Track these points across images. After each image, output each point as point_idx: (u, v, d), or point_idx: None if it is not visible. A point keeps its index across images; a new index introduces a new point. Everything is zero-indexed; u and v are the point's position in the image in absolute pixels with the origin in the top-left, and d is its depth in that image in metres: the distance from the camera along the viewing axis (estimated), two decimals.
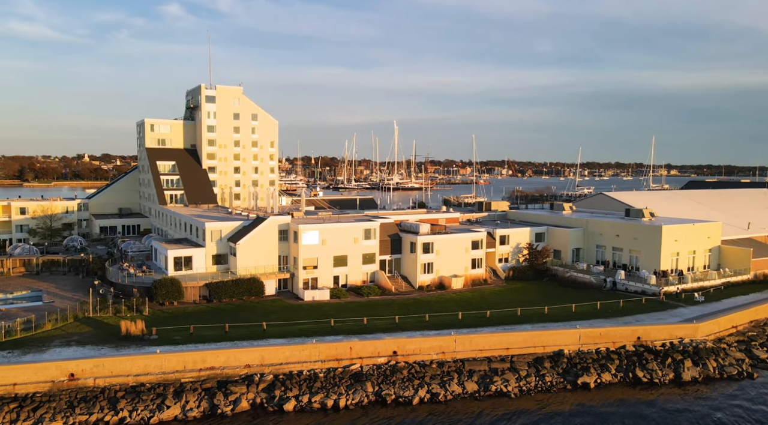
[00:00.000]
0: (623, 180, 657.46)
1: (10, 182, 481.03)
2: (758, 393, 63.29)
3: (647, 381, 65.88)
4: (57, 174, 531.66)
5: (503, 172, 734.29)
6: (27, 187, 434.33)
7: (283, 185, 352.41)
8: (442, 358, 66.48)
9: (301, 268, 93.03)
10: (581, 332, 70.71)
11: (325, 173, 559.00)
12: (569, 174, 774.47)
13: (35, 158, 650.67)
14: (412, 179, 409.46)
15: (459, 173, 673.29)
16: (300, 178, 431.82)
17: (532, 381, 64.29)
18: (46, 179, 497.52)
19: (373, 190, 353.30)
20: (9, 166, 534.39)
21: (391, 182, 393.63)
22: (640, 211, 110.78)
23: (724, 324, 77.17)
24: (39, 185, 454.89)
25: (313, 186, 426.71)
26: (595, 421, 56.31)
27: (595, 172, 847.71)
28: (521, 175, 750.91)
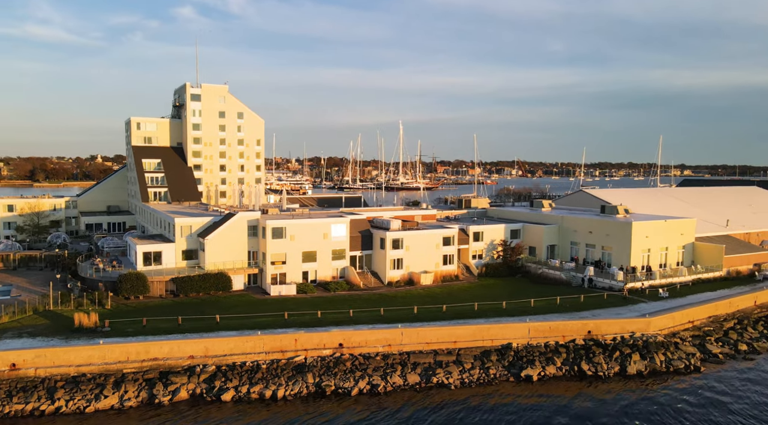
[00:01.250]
0: (634, 180, 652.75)
1: (22, 182, 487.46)
2: (699, 386, 63.32)
3: (592, 374, 66.05)
4: (68, 175, 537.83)
5: (513, 172, 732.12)
6: (37, 187, 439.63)
7: (287, 184, 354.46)
8: (389, 351, 67.01)
9: (269, 263, 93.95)
10: (530, 326, 70.96)
11: (333, 173, 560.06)
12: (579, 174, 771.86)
13: (49, 159, 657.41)
14: (418, 179, 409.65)
15: (468, 173, 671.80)
16: (306, 178, 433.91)
17: (476, 373, 64.67)
18: (56, 179, 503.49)
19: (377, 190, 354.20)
20: (22, 167, 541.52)
21: (397, 182, 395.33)
22: (615, 207, 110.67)
23: (679, 319, 77.05)
24: (49, 185, 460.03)
25: (319, 186, 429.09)
26: (528, 412, 56.56)
27: (606, 172, 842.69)
28: (531, 175, 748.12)
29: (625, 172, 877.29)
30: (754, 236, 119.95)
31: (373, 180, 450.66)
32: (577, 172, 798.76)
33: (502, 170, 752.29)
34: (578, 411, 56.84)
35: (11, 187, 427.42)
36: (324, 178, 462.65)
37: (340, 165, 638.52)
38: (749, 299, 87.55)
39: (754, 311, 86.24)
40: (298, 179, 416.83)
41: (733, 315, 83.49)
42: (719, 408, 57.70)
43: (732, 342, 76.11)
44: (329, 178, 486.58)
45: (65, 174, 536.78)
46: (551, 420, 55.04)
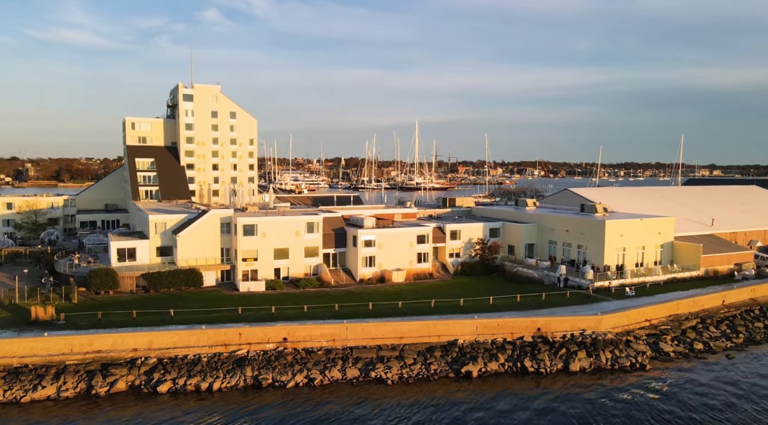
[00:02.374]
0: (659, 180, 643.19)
1: (47, 182, 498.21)
2: (636, 384, 63.08)
3: (534, 371, 66.05)
4: (93, 175, 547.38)
5: (535, 172, 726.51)
6: (61, 187, 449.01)
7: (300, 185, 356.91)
8: (333, 345, 67.77)
9: (240, 260, 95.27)
10: (478, 322, 71.14)
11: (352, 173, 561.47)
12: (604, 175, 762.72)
13: (78, 159, 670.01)
14: (433, 180, 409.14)
15: (489, 173, 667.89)
16: (323, 178, 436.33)
17: (416, 369, 65.08)
18: (81, 179, 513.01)
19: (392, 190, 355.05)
20: (48, 167, 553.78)
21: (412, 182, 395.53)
22: (593, 206, 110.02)
23: (635, 318, 76.52)
24: (73, 186, 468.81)
25: (335, 186, 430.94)
26: (453, 407, 56.86)
27: (631, 172, 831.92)
28: (553, 176, 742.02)
29: (652, 172, 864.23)
30: (741, 236, 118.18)
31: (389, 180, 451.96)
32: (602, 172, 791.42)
33: (524, 170, 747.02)
34: (501, 407, 57.01)
35: (36, 187, 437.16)
36: (341, 178, 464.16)
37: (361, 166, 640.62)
38: (717, 299, 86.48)
39: (720, 310, 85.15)
40: (314, 179, 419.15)
41: (697, 314, 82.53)
42: (642, 407, 57.30)
43: (689, 341, 75.38)
44: (347, 178, 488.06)
45: (90, 175, 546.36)
46: (470, 415, 55.21)
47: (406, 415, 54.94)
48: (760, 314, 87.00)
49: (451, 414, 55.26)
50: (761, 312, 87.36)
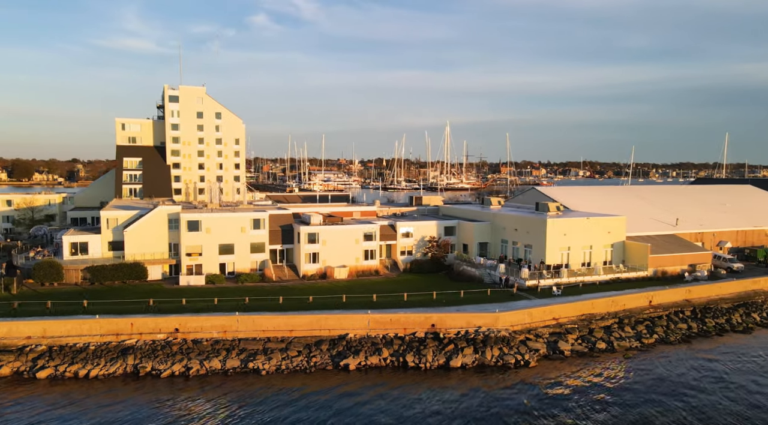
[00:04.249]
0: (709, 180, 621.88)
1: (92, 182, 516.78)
2: (509, 381, 62.95)
3: (414, 366, 66.55)
4: None
5: (580, 173, 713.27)
6: None
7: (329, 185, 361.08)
8: (223, 337, 69.85)
9: (183, 255, 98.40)
10: (371, 317, 72.04)
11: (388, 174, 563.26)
12: (654, 175, 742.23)
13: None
14: (464, 180, 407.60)
15: (532, 173, 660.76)
16: (354, 179, 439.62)
17: (297, 361, 66.50)
18: None
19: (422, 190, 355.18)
20: (97, 168, 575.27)
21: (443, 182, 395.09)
22: (546, 205, 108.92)
23: (539, 316, 75.98)
24: None
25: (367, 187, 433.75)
26: (304, 398, 57.95)
27: (686, 173, 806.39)
28: (600, 176, 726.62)
29: (708, 172, 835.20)
30: (709, 236, 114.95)
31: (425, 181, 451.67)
32: (652, 173, 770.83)
33: (568, 170, 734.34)
34: (347, 400, 57.88)
35: (82, 186, 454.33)
36: (373, 179, 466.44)
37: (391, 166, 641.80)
38: (643, 299, 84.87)
39: (645, 310, 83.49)
40: (346, 179, 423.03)
41: (616, 314, 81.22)
42: (489, 404, 57.33)
43: (593, 340, 74.45)
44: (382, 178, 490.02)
45: None
46: (308, 405, 56.31)
47: (255, 405, 56.37)
48: (691, 315, 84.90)
49: (297, 405, 56.41)
50: (693, 314, 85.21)
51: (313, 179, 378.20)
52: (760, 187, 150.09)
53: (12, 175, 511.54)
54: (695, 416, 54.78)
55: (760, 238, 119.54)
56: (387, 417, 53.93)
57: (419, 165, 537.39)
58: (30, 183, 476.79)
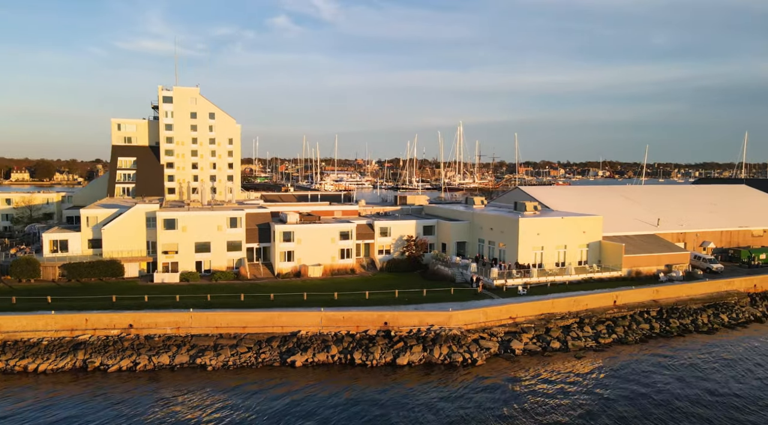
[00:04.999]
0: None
1: None
2: (450, 379, 63.16)
3: (360, 363, 67.01)
4: None
5: (599, 173, 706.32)
6: None
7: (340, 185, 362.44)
8: (176, 333, 70.94)
9: (160, 253, 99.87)
10: (323, 315, 72.63)
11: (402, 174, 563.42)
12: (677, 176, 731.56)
13: None
14: (476, 180, 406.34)
15: (550, 174, 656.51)
16: (367, 179, 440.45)
17: (245, 357, 67.33)
18: None
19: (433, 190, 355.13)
20: None
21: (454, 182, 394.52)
22: (524, 204, 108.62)
23: (494, 315, 75.93)
24: None
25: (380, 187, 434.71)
26: (242, 393, 58.72)
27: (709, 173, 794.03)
28: (619, 176, 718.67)
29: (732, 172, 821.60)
30: (692, 236, 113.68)
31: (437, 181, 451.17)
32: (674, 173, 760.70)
33: (587, 171, 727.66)
34: (277, 396, 58.47)
35: None
36: (386, 179, 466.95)
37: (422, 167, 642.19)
38: (607, 299, 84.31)
39: (608, 310, 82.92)
40: (359, 179, 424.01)
41: (578, 314, 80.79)
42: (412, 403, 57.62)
43: (548, 339, 74.27)
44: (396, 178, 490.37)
45: None
46: (247, 400, 57.06)
47: (188, 398, 57.31)
48: (657, 316, 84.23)
49: (228, 399, 57.22)
50: (659, 314, 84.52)
51: (326, 179, 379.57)
52: (757, 187, 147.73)
53: (34, 175, 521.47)
54: (627, 414, 54.40)
55: (746, 238, 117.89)
56: (307, 414, 54.41)
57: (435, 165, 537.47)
58: (51, 183, 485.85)
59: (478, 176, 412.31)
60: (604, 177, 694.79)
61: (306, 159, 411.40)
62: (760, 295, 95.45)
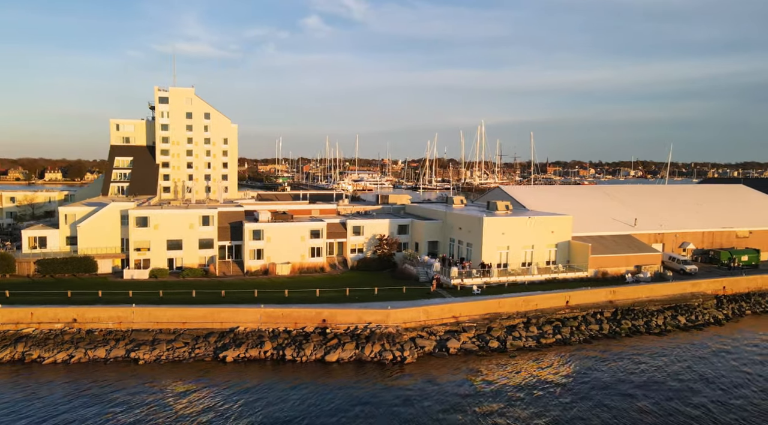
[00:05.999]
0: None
1: None
2: (375, 377, 63.57)
3: (291, 359, 67.85)
4: None
5: (631, 173, 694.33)
6: None
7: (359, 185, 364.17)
8: (118, 327, 72.74)
9: (132, 250, 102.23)
10: (262, 311, 73.67)
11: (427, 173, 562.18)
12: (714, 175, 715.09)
13: None
14: (496, 179, 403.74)
15: (579, 173, 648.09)
16: (387, 179, 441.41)
17: (179, 352, 68.75)
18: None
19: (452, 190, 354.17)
20: None
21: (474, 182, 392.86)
22: (495, 203, 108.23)
23: (435, 314, 76.00)
24: None
25: (399, 186, 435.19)
26: (159, 385, 60.04)
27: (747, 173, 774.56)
28: (652, 176, 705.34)
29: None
30: (671, 237, 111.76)
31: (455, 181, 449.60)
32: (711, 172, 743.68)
33: (618, 171, 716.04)
34: (182, 391, 59.61)
35: None
36: (408, 178, 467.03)
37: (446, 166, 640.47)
38: (560, 299, 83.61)
39: (559, 311, 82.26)
40: (378, 179, 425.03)
41: (526, 314, 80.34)
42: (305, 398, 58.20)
43: (487, 339, 74.13)
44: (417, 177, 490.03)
45: None
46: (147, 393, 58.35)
47: (100, 391, 58.87)
48: (611, 317, 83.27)
49: (139, 391, 58.59)
50: (613, 315, 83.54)
51: (345, 179, 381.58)
52: (756, 186, 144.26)
53: (66, 175, 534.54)
54: (545, 415, 54.22)
55: (730, 240, 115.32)
56: (206, 409, 55.43)
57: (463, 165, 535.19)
58: (82, 183, 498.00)
59: (499, 175, 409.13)
60: (635, 177, 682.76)
61: (332, 159, 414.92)
62: (728, 297, 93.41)
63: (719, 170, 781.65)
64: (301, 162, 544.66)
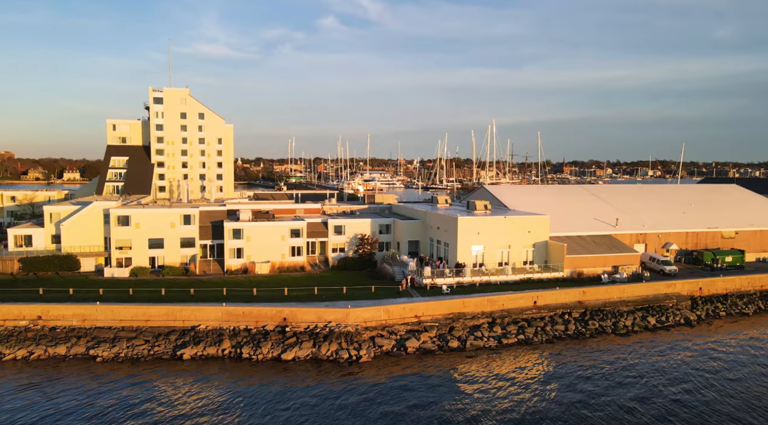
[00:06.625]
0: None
1: None
2: (325, 375, 63.96)
3: (248, 357, 68.47)
4: None
5: (649, 173, 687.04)
6: None
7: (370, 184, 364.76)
8: (82, 325, 73.87)
9: (114, 248, 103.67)
10: (224, 310, 74.37)
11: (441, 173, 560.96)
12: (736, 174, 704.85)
13: None
14: (507, 179, 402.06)
15: (596, 173, 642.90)
16: (398, 179, 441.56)
17: (138, 349, 69.64)
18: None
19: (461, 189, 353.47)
20: None
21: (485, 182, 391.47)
22: (474, 203, 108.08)
23: (397, 313, 76.15)
24: None
25: (411, 186, 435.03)
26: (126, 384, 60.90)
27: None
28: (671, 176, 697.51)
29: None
30: (653, 237, 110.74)
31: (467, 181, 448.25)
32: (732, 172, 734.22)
33: (636, 170, 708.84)
34: (134, 387, 60.41)
35: None
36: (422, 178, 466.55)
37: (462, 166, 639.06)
38: (527, 299, 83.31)
39: (526, 311, 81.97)
40: (389, 179, 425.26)
41: (491, 314, 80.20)
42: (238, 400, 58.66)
43: (448, 338, 74.17)
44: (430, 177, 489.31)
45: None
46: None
47: (48, 387, 59.89)
48: (579, 317, 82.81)
49: (85, 390, 59.53)
50: (581, 316, 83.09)
51: (355, 179, 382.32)
52: (749, 186, 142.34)
53: (84, 174, 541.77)
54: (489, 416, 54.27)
55: (716, 240, 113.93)
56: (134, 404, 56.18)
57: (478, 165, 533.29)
58: None
59: (510, 175, 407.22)
60: (653, 177, 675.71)
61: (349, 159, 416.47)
62: (704, 299, 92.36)
63: (741, 170, 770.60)
64: (317, 162, 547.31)
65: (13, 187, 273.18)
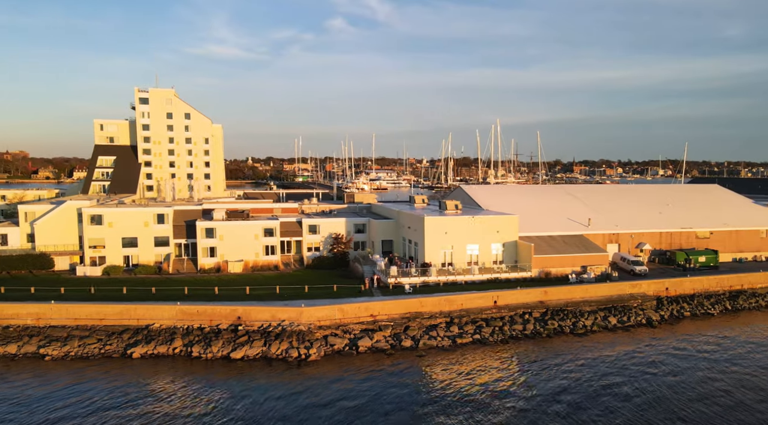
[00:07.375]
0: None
1: None
2: (267, 374, 64.09)
3: (197, 356, 68.80)
4: None
5: (660, 172, 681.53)
6: None
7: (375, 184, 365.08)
8: (36, 324, 74.46)
9: (87, 247, 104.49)
10: (179, 308, 74.74)
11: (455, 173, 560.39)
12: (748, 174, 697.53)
13: None
14: (513, 178, 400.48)
15: (605, 173, 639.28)
16: (404, 178, 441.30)
17: (89, 348, 70.11)
18: None
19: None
20: None
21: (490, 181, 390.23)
22: (445, 203, 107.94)
23: (351, 312, 76.18)
24: None
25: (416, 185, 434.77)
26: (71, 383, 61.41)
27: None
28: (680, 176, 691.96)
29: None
30: (626, 237, 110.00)
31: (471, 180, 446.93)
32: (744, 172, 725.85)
33: (646, 170, 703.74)
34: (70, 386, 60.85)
35: None
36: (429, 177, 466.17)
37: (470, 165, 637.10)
38: (486, 299, 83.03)
39: (485, 310, 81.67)
40: (395, 178, 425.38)
41: (450, 314, 80.00)
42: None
43: (402, 338, 74.11)
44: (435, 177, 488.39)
45: None
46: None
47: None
48: (540, 317, 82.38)
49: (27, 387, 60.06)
50: (542, 316, 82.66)
51: (360, 178, 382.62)
52: (730, 186, 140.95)
53: None
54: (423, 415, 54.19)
55: (690, 240, 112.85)
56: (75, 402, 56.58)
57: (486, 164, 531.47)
58: None
59: (515, 175, 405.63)
60: (664, 176, 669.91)
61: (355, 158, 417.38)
62: (671, 299, 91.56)
63: (753, 169, 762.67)
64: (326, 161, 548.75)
65: (21, 186, 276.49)
